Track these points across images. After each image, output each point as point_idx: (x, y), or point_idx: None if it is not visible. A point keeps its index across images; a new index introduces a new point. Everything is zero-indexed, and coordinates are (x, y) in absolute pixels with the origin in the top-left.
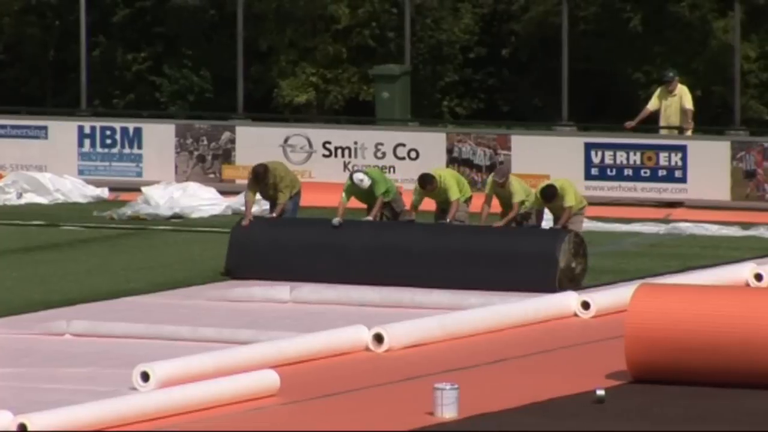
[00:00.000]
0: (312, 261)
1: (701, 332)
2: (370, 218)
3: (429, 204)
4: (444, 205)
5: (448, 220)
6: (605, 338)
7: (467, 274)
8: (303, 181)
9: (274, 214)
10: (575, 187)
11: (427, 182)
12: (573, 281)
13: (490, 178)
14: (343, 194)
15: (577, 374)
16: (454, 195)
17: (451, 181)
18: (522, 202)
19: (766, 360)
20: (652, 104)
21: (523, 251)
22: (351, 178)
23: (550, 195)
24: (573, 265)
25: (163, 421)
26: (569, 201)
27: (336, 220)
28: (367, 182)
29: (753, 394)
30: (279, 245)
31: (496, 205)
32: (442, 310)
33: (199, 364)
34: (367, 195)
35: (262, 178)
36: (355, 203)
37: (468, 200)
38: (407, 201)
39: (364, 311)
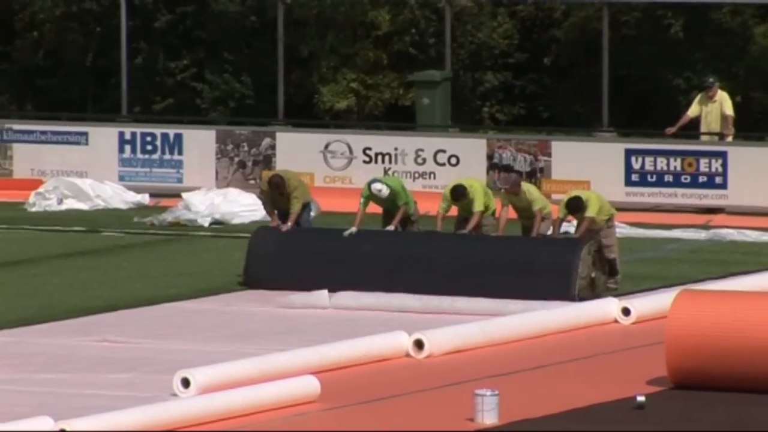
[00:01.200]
0: (332, 271)
1: (742, 338)
2: (391, 227)
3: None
4: (467, 215)
5: (467, 230)
6: (645, 344)
7: (486, 284)
8: (343, 187)
9: (289, 223)
10: (603, 199)
11: (460, 195)
12: (593, 291)
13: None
14: (362, 201)
15: (617, 380)
16: (478, 207)
17: (479, 192)
18: (542, 209)
19: None
20: (693, 110)
21: (542, 261)
22: (369, 186)
23: (574, 207)
24: (593, 275)
25: (203, 427)
26: (590, 211)
27: (347, 233)
28: (385, 192)
29: None
30: (299, 256)
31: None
32: (483, 316)
33: (240, 370)
34: (385, 202)
35: (281, 189)
36: (372, 207)
37: (493, 213)
38: (428, 207)
39: (404, 317)
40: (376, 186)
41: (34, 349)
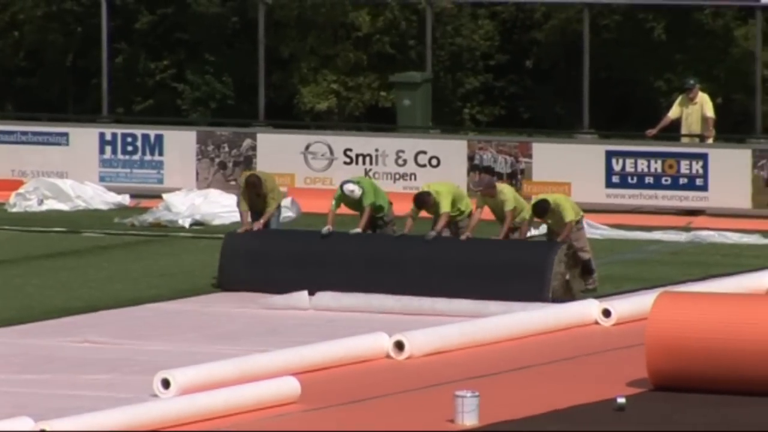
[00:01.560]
0: (306, 272)
1: (722, 340)
2: (359, 230)
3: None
4: (438, 218)
5: (434, 232)
6: (626, 346)
7: (460, 285)
8: (324, 188)
9: (261, 221)
10: (571, 201)
11: (423, 203)
12: (568, 293)
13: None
14: (333, 203)
15: (597, 382)
16: (444, 208)
17: (445, 195)
18: (514, 209)
19: None
20: (673, 112)
21: (516, 263)
22: (341, 187)
23: (541, 210)
24: (568, 277)
25: (184, 428)
26: (568, 216)
27: (325, 230)
28: (358, 192)
29: None
30: (271, 257)
31: (487, 212)
32: (463, 317)
33: (220, 371)
34: (357, 204)
35: (257, 189)
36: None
37: (469, 215)
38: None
39: (384, 319)
40: (349, 187)
41: (14, 349)
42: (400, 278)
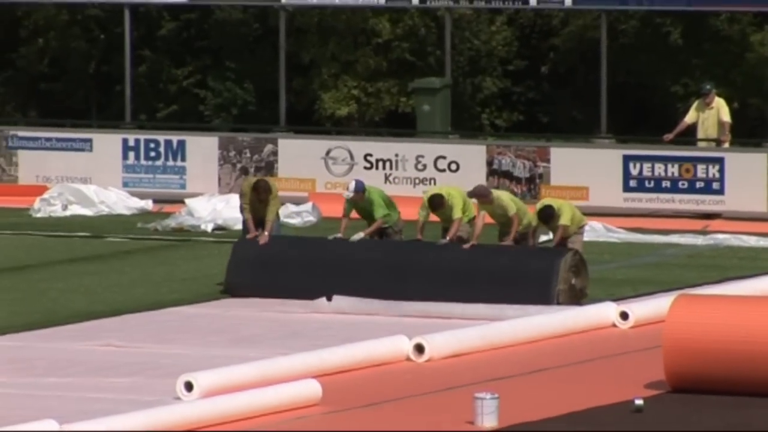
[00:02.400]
0: (315, 278)
1: (739, 342)
2: (361, 234)
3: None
4: (447, 223)
5: (447, 238)
6: (643, 348)
7: (468, 292)
8: (346, 193)
9: (266, 233)
10: (575, 208)
11: (437, 204)
12: (575, 298)
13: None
14: (345, 207)
15: (615, 384)
16: (456, 214)
17: (458, 199)
18: (517, 212)
19: None
20: (690, 117)
21: (523, 270)
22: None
23: (546, 216)
24: (574, 282)
25: (206, 430)
26: (563, 220)
27: (332, 237)
28: (347, 194)
29: None
30: (280, 263)
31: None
32: (482, 321)
33: (242, 374)
34: (365, 212)
35: (265, 195)
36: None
37: (471, 220)
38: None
39: (404, 322)
40: (348, 192)
41: (39, 353)
42: (409, 284)
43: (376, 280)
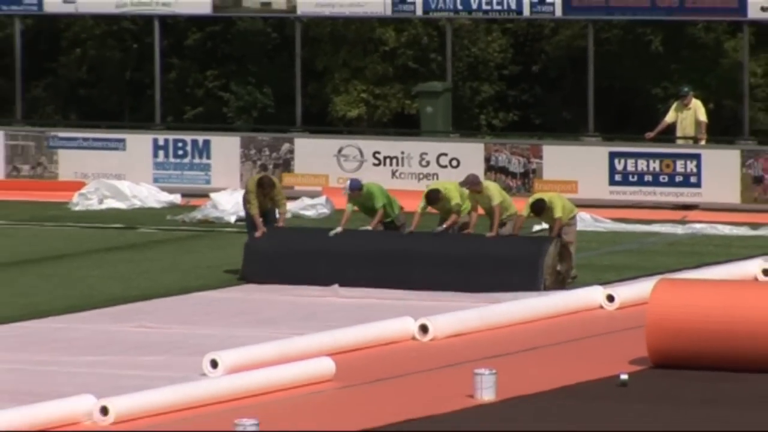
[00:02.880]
0: (321, 266)
1: (715, 322)
2: (369, 227)
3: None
4: (445, 214)
5: (444, 226)
6: (628, 328)
7: (462, 278)
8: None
9: (280, 224)
10: (564, 199)
11: (433, 199)
12: (560, 282)
13: (464, 191)
14: (348, 205)
15: (602, 361)
16: (454, 207)
17: (454, 192)
18: (501, 203)
19: None
20: (670, 117)
21: (512, 257)
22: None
23: (538, 209)
24: (559, 268)
25: (230, 404)
26: (557, 213)
27: (332, 232)
28: (346, 191)
29: (764, 377)
30: (292, 253)
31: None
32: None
33: (263, 352)
34: (366, 207)
35: (268, 190)
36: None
37: (468, 212)
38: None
39: (409, 305)
40: (346, 184)
41: (77, 334)
42: (407, 271)
43: (377, 267)
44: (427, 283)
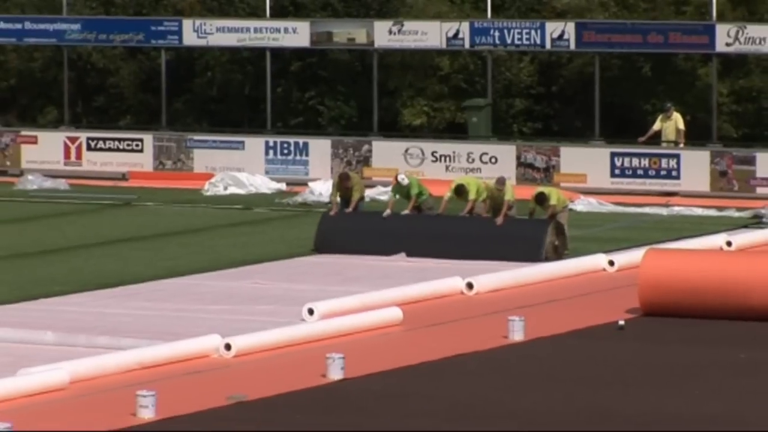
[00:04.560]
0: (372, 240)
1: (691, 280)
2: (407, 212)
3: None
4: (465, 202)
5: (465, 212)
6: (625, 285)
7: (480, 250)
8: (418, 179)
9: (350, 208)
10: (560, 192)
11: (460, 192)
12: (556, 253)
13: (491, 186)
14: (391, 193)
15: (605, 310)
16: (471, 196)
17: (473, 186)
18: (509, 200)
19: (736, 296)
20: (656, 126)
21: (520, 234)
22: (396, 179)
23: (540, 199)
24: (556, 243)
25: (323, 343)
26: (552, 201)
27: (385, 213)
28: (405, 182)
29: (731, 323)
30: (355, 230)
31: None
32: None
33: (348, 303)
34: (406, 194)
35: (345, 183)
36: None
37: (484, 200)
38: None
39: (457, 268)
40: (401, 176)
41: (207, 288)
42: (438, 245)
43: (416, 241)
44: (453, 255)
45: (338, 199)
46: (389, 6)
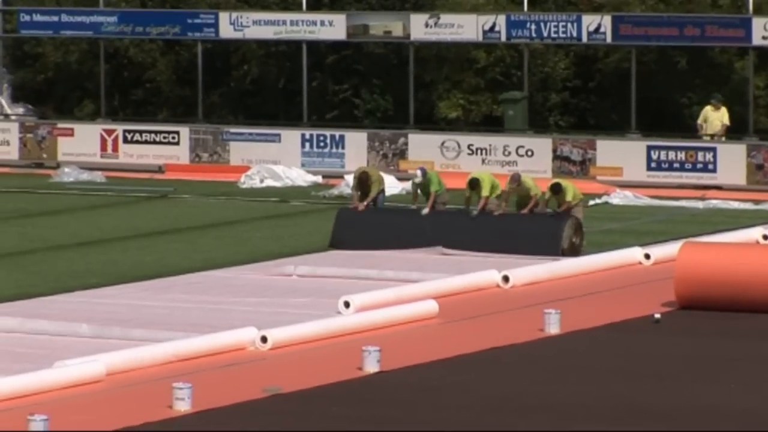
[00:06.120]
0: (392, 235)
1: (728, 274)
2: (426, 210)
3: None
4: (479, 198)
5: (477, 210)
6: (661, 279)
7: (501, 244)
8: (454, 172)
9: (365, 202)
10: (575, 187)
11: (474, 185)
12: (574, 250)
13: (507, 184)
14: (413, 188)
15: (641, 304)
16: (484, 193)
17: (486, 182)
18: (536, 194)
19: None
20: (701, 118)
21: (539, 230)
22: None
23: (556, 189)
24: (574, 239)
25: (358, 336)
26: (568, 197)
27: (424, 211)
28: (419, 179)
29: (765, 316)
30: (373, 225)
31: None
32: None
33: (384, 295)
34: (426, 188)
35: (364, 181)
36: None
37: (498, 196)
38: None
39: (492, 261)
40: (418, 173)
41: (243, 281)
42: (457, 241)
43: (438, 235)
44: (476, 249)
45: (358, 192)
46: None
